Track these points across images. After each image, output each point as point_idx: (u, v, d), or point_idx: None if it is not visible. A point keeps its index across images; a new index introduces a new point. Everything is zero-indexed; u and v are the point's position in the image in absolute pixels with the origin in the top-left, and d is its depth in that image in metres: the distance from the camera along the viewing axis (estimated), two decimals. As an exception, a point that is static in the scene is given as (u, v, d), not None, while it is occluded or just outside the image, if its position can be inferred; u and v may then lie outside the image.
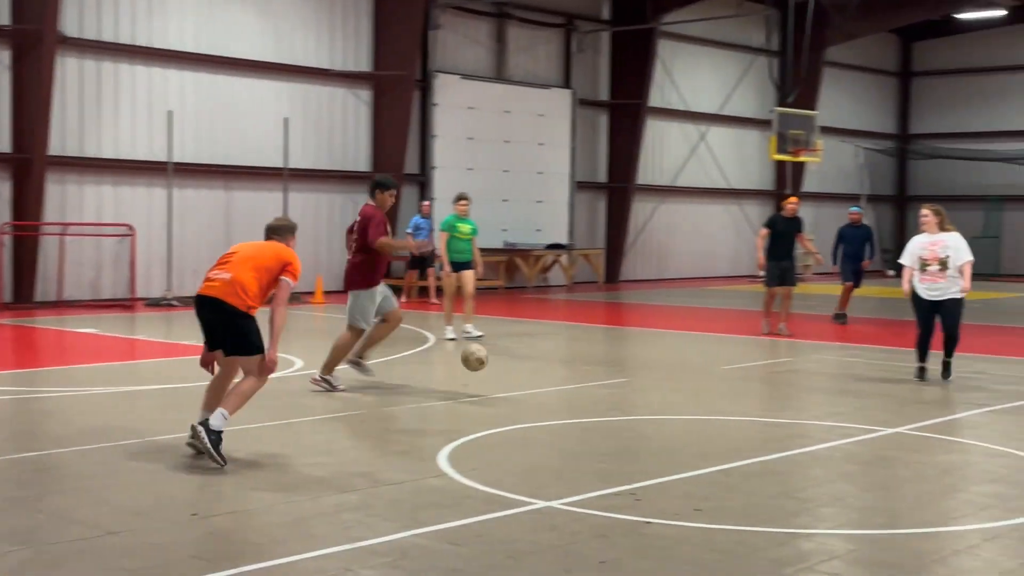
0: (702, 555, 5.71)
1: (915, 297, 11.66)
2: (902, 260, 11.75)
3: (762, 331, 16.28)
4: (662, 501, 6.74)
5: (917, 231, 11.81)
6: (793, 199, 16.73)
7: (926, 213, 11.67)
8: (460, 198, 15.66)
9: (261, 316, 7.65)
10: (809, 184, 33.53)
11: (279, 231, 8.12)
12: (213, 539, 5.92)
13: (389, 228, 10.90)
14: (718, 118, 31.82)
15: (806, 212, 33.83)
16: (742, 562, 5.60)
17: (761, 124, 31.70)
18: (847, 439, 8.75)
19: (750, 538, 6.00)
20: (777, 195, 32.56)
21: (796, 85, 31.69)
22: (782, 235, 16.23)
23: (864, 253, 18.45)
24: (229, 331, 7.63)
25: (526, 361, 12.35)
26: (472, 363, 10.28)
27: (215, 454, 7.29)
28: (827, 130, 32.84)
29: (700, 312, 21.21)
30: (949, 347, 11.73)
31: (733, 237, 32.72)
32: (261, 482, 7.10)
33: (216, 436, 7.33)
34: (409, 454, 8.03)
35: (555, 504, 6.57)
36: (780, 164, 31.71)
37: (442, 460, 7.68)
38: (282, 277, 7.70)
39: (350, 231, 10.97)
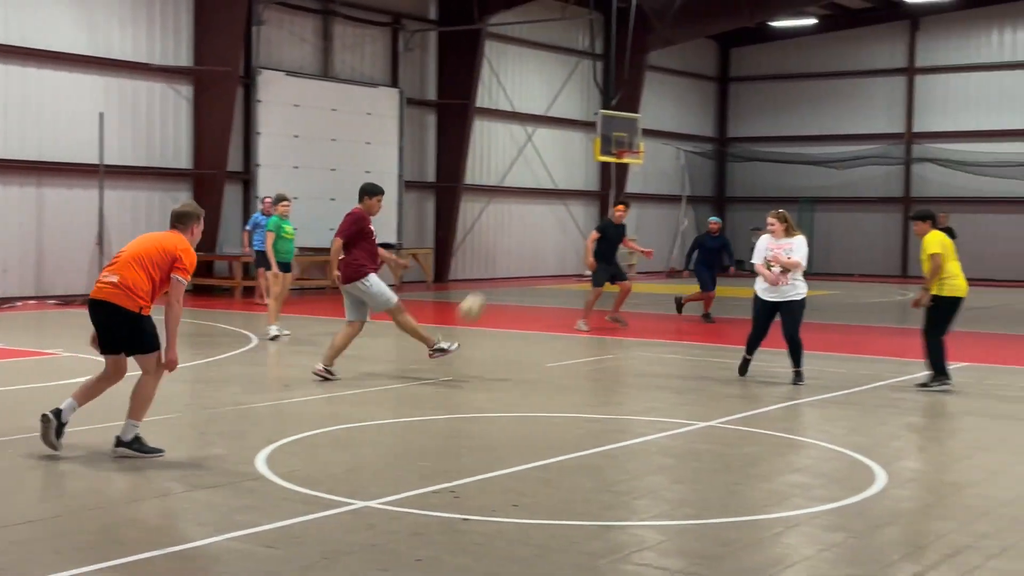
0: (517, 550, 5.79)
1: (755, 297, 11.80)
2: (754, 260, 11.67)
3: (579, 328, 16.62)
4: (481, 498, 6.81)
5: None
6: (621, 207, 17.36)
7: (772, 221, 11.66)
8: (281, 199, 15.56)
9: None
10: (632, 185, 34.31)
11: (182, 219, 7.89)
12: (15, 547, 5.68)
13: (369, 229, 11.59)
14: (544, 119, 32.25)
15: (631, 213, 34.70)
16: (557, 555, 5.70)
17: (586, 126, 32.29)
18: (663, 433, 9.00)
19: (565, 531, 6.12)
20: (602, 196, 33.28)
21: (619, 88, 32.40)
22: (611, 239, 17.01)
23: (723, 260, 18.97)
24: (123, 332, 7.59)
25: (351, 361, 12.24)
26: (475, 312, 11.63)
27: (151, 453, 7.63)
28: (649, 132, 33.67)
29: (527, 311, 21.47)
30: (796, 355, 11.66)
31: (560, 237, 33.22)
32: (66, 487, 6.85)
33: (137, 443, 7.63)
34: (227, 457, 7.88)
35: (373, 504, 6.55)
36: (605, 165, 32.35)
37: (260, 462, 7.57)
38: (173, 275, 7.58)
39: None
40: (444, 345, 11.64)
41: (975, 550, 5.91)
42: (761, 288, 11.68)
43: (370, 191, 11.77)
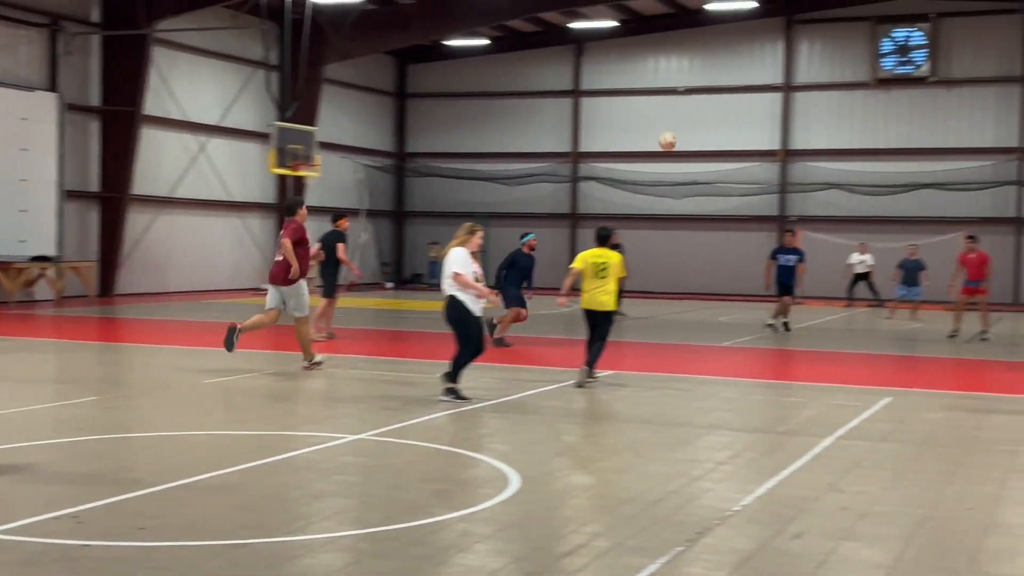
0: (137, 573, 5.62)
1: (470, 312, 11.61)
2: (458, 270, 11.48)
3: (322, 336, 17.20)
4: (107, 522, 6.57)
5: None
6: (345, 219, 18.17)
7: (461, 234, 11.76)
8: None
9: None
10: (311, 198, 34.03)
11: None
12: None
13: (307, 238, 13.97)
14: (218, 130, 31.52)
15: (309, 226, 34.45)
16: (177, 577, 5.59)
17: (262, 137, 31.78)
18: (310, 448, 9.00)
19: (189, 553, 6.00)
20: (279, 208, 32.86)
21: (294, 100, 32.14)
22: (332, 249, 17.51)
23: (531, 281, 18.11)
24: None
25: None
26: None
27: None
28: (328, 146, 33.64)
29: (194, 326, 20.87)
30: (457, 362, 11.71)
31: (236, 249, 32.54)
32: None
33: None
34: None
35: (-16, 534, 6.18)
36: (282, 178, 31.99)
37: None
38: None
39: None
40: (319, 359, 13.75)
41: (588, 548, 6.28)
42: (472, 301, 11.57)
43: (298, 203, 14.27)
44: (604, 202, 36.61)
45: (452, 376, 11.55)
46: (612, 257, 12.88)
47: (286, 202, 14.69)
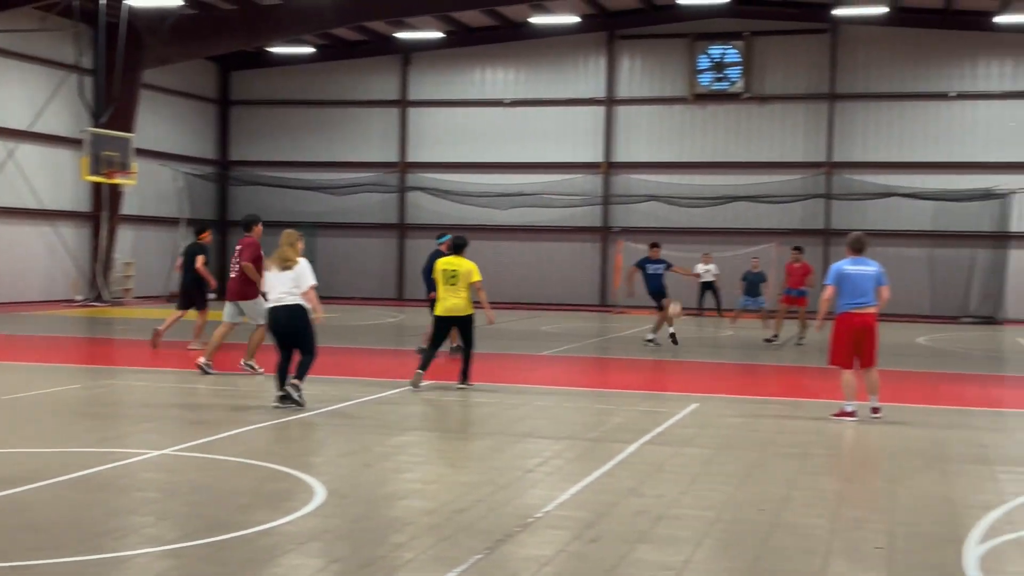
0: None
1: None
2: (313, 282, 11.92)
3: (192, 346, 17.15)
4: None
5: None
6: (208, 232, 18.15)
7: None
8: None
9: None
10: (129, 207, 33.10)
11: None
12: None
13: (261, 254, 14.13)
14: (28, 135, 30.28)
15: (127, 235, 33.46)
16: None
17: (76, 143, 30.65)
18: (111, 464, 8.74)
19: (-33, 577, 5.76)
20: (94, 217, 31.79)
21: (109, 106, 31.15)
22: (193, 261, 17.38)
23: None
24: None
25: None
26: None
27: None
28: (146, 153, 32.73)
29: (3, 340, 19.97)
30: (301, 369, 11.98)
31: (47, 260, 31.31)
32: None
33: None
34: None
35: None
36: (97, 186, 30.97)
37: None
38: None
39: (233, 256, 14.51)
40: (252, 363, 14.50)
41: (387, 560, 6.29)
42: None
43: (254, 220, 14.89)
44: (432, 212, 36.68)
45: (300, 382, 11.82)
46: (462, 265, 13.84)
47: (243, 219, 15.08)
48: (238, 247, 14.60)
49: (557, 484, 8.43)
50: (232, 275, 14.49)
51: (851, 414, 11.78)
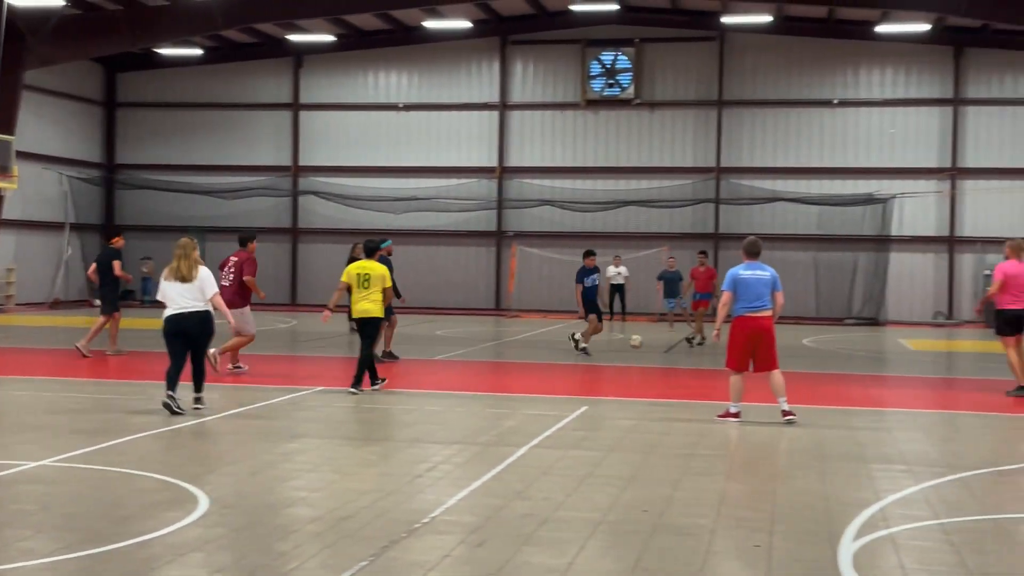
0: None
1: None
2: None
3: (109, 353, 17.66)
4: None
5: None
6: (120, 237, 18.79)
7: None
8: None
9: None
10: (11, 211, 32.14)
11: None
12: None
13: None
14: (-98, 137, 29.23)
15: (9, 240, 32.49)
16: None
17: (-46, 146, 29.70)
18: (-15, 477, 8.50)
19: None
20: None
21: (-10, 107, 30.22)
22: (109, 267, 17.92)
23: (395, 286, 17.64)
24: None
25: None
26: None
27: None
28: (28, 156, 31.85)
29: None
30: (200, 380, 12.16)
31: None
32: None
33: None
34: None
35: None
36: (-24, 189, 30.02)
37: None
38: None
39: (220, 267, 15.44)
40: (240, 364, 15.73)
41: (268, 569, 6.23)
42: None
43: (251, 236, 16.17)
44: (325, 217, 36.38)
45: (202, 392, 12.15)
46: (375, 268, 13.95)
47: (240, 235, 16.22)
48: (233, 259, 15.63)
49: (445, 489, 8.43)
50: (224, 284, 15.01)
51: (736, 415, 12.01)
